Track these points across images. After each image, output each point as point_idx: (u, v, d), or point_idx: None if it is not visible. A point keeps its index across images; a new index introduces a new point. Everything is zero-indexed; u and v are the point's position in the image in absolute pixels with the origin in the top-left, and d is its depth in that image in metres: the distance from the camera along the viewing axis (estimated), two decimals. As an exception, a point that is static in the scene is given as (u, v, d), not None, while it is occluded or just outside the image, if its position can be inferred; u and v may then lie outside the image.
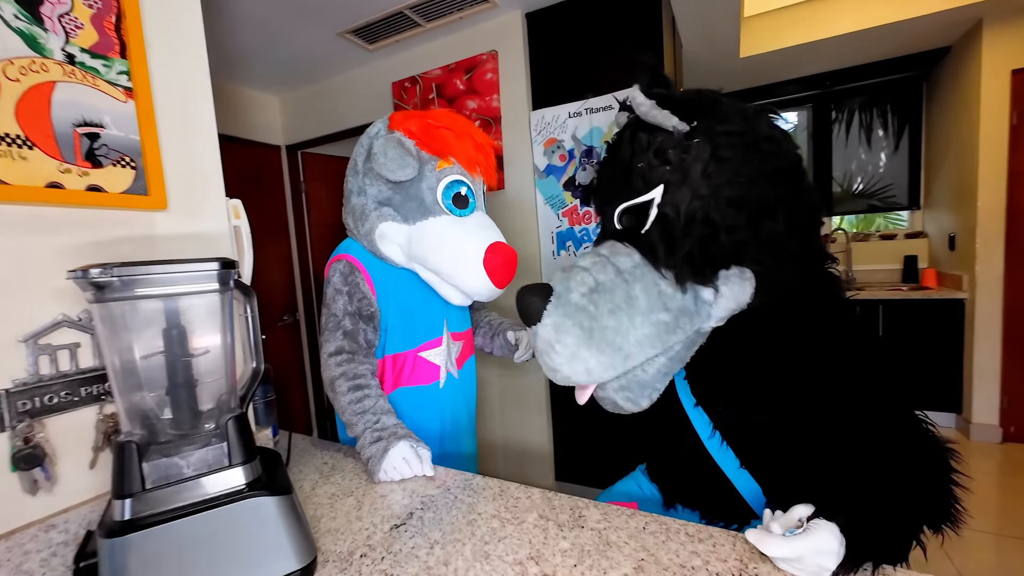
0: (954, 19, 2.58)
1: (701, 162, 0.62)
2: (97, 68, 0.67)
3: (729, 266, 0.62)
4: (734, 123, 0.63)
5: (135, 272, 0.51)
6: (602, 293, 0.63)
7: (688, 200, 0.62)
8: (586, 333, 0.61)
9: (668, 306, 0.63)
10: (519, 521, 0.71)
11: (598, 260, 0.67)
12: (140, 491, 0.51)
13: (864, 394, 0.64)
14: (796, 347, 0.66)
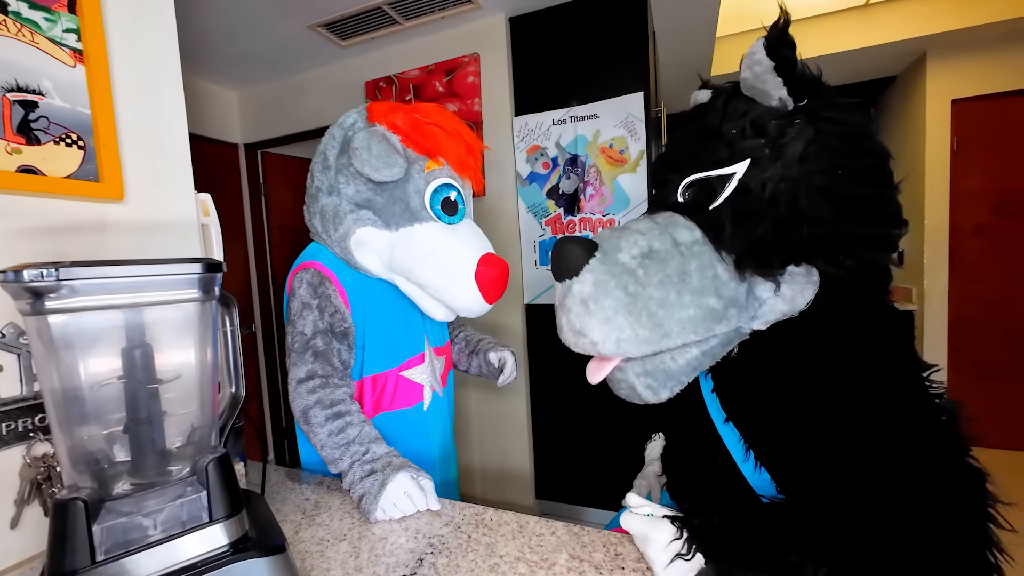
0: (901, 50, 2.78)
1: (801, 143, 0.56)
2: (38, 22, 0.54)
3: (799, 262, 0.56)
4: (839, 111, 0.58)
5: (90, 275, 0.39)
6: (655, 261, 0.57)
7: (777, 180, 0.56)
8: (630, 298, 0.54)
9: (721, 292, 0.57)
10: (549, 564, 0.62)
11: (655, 227, 0.60)
12: (88, 566, 0.38)
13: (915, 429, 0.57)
14: (850, 363, 0.61)
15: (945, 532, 0.52)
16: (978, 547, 0.53)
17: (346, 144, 0.90)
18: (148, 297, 0.42)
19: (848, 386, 0.59)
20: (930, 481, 0.53)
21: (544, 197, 2.14)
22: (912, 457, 0.54)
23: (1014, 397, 2.74)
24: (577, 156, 2.07)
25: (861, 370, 0.59)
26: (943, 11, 2.54)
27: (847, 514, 0.54)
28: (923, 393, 0.59)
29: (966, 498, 0.55)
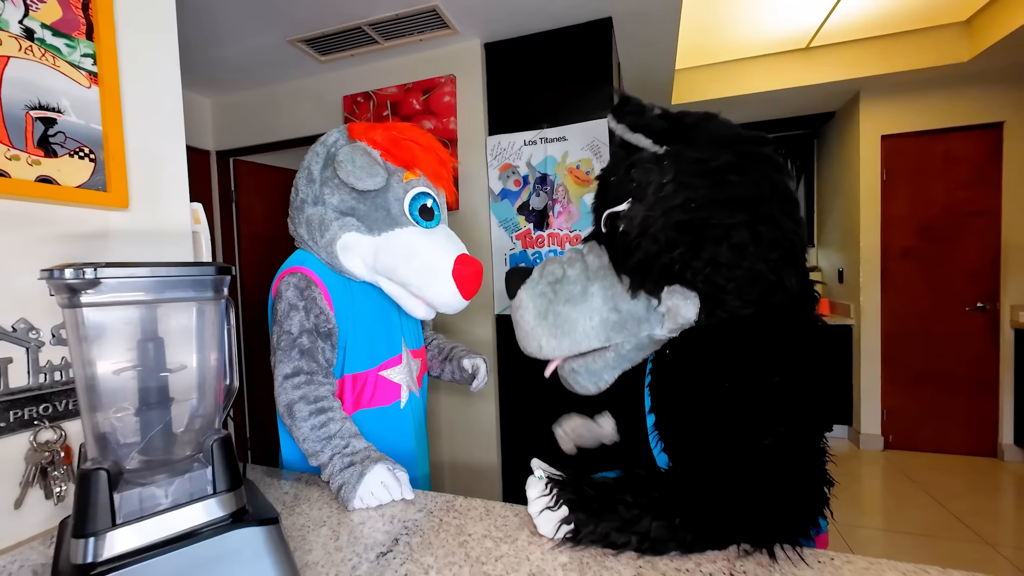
0: (837, 89, 3.09)
1: (660, 183, 0.66)
2: (59, 47, 0.60)
3: (672, 283, 0.66)
4: (703, 150, 0.66)
5: (119, 274, 0.45)
6: (564, 284, 0.73)
7: (642, 216, 0.67)
8: (541, 314, 0.72)
9: (618, 307, 0.70)
10: (512, 539, 0.70)
11: (574, 256, 0.76)
12: (109, 527, 0.44)
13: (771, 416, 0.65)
14: (730, 368, 0.68)
15: (782, 500, 0.63)
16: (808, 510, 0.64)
17: (329, 159, 0.98)
18: (168, 295, 0.48)
19: (723, 381, 0.68)
20: (781, 461, 0.64)
21: (515, 213, 2.25)
22: (767, 439, 0.63)
23: (940, 405, 3.02)
24: (547, 175, 2.19)
25: (736, 369, 0.68)
26: (872, 57, 2.85)
27: (700, 483, 0.65)
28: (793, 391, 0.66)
29: (809, 479, 0.65)
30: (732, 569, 0.61)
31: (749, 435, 0.64)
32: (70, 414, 0.60)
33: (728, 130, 0.70)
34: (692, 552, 0.63)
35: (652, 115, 0.70)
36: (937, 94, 2.93)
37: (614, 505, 0.64)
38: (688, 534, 0.62)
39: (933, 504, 2.42)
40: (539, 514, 0.68)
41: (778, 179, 0.68)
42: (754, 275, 0.64)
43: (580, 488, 0.67)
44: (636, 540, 0.63)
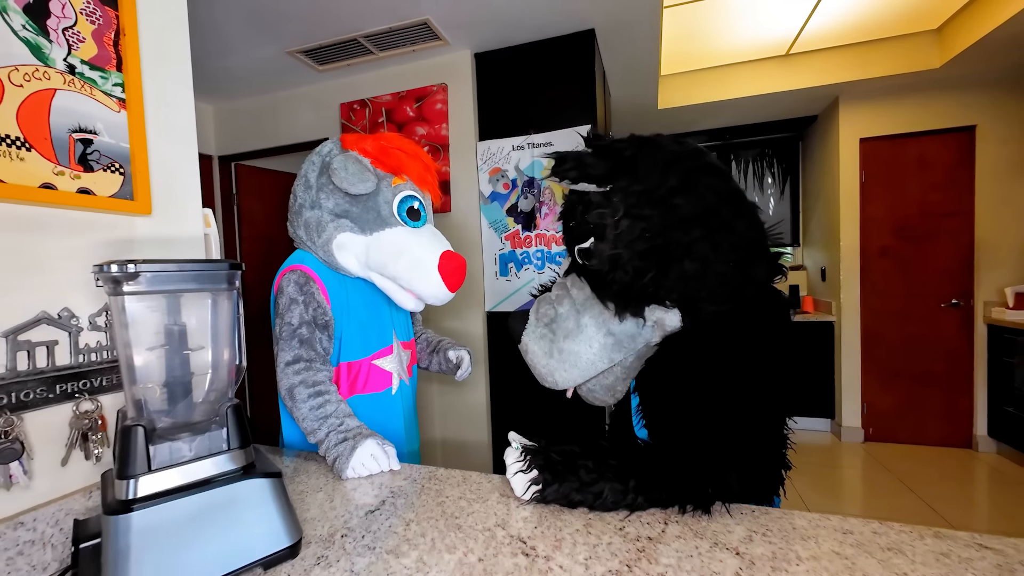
0: (818, 94, 3.20)
1: (614, 221, 0.72)
2: (95, 79, 0.71)
3: (651, 303, 0.74)
4: (648, 180, 0.71)
5: (153, 269, 0.56)
6: (560, 322, 0.81)
7: (608, 252, 0.73)
8: (548, 353, 0.80)
9: (612, 331, 0.77)
10: (484, 500, 0.81)
11: (560, 293, 0.84)
12: (146, 471, 0.55)
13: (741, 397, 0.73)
14: (705, 358, 0.76)
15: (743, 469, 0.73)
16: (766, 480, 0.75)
17: (324, 167, 1.09)
18: (190, 286, 0.59)
19: (703, 368, 0.76)
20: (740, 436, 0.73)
21: (504, 214, 2.36)
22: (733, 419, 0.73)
23: (915, 399, 3.13)
24: (534, 179, 2.30)
25: (708, 363, 0.76)
26: (850, 63, 2.96)
27: (664, 454, 0.76)
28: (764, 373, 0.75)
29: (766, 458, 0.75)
30: (667, 519, 0.72)
31: (714, 412, 0.73)
32: (105, 389, 0.71)
33: (666, 152, 0.73)
34: (635, 510, 0.74)
35: (591, 164, 0.73)
36: (911, 99, 3.04)
37: (576, 469, 0.75)
38: (638, 496, 0.73)
39: (905, 491, 2.53)
40: (513, 475, 0.79)
41: (721, 185, 0.73)
42: (722, 278, 0.70)
43: (548, 455, 0.78)
44: (591, 498, 0.73)
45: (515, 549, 0.65)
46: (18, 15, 0.63)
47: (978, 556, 0.59)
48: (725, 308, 0.72)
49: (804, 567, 0.59)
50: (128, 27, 0.75)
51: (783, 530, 0.67)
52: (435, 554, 0.65)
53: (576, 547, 0.65)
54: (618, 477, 0.73)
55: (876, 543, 0.63)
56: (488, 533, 0.70)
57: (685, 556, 0.62)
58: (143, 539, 0.53)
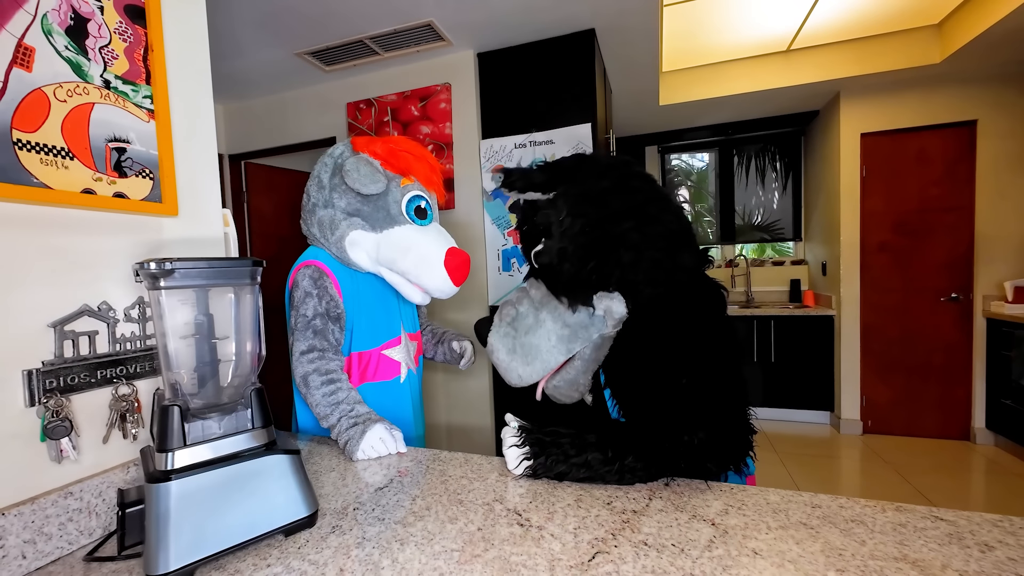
0: (819, 90, 3.22)
1: (559, 220, 0.82)
2: (127, 93, 0.77)
3: (597, 291, 0.82)
4: (583, 184, 0.83)
5: (186, 266, 0.63)
6: (520, 319, 0.90)
7: (555, 249, 0.83)
8: (511, 349, 0.89)
9: (567, 323, 0.87)
10: (483, 478, 0.88)
11: (520, 294, 0.93)
12: (182, 446, 0.62)
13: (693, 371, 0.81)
14: (654, 339, 0.85)
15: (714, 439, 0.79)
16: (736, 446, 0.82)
17: (337, 168, 1.15)
18: (217, 281, 0.66)
19: (653, 350, 0.85)
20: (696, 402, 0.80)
21: (507, 211, 2.42)
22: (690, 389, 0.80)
23: (913, 392, 3.16)
24: (535, 176, 2.36)
25: (658, 342, 0.85)
26: (850, 59, 2.97)
27: (633, 426, 0.83)
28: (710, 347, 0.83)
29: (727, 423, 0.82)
30: (651, 495, 0.78)
31: (669, 382, 0.81)
32: (139, 375, 0.78)
33: (600, 164, 0.87)
34: (623, 482, 0.81)
35: (535, 174, 0.87)
36: (912, 94, 3.05)
37: (561, 444, 0.83)
38: (618, 463, 0.79)
39: (901, 482, 2.58)
40: (507, 450, 0.86)
41: (647, 187, 0.84)
42: (654, 263, 0.80)
43: (538, 433, 0.85)
44: (576, 469, 0.81)
45: (511, 520, 0.72)
46: (61, 36, 0.69)
47: (932, 527, 0.65)
48: (660, 291, 0.81)
49: (772, 535, 0.65)
50: (156, 43, 0.81)
51: (757, 504, 0.73)
52: (438, 524, 0.72)
53: (567, 519, 0.72)
54: (598, 448, 0.81)
55: (841, 515, 0.69)
56: (487, 507, 0.77)
57: (665, 526, 0.68)
58: (180, 504, 0.60)
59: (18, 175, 0.64)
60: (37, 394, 0.66)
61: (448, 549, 0.65)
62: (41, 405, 0.66)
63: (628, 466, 0.79)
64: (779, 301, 4.01)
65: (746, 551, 0.61)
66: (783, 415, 3.57)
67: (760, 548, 0.62)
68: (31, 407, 0.66)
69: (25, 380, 0.65)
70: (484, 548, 0.65)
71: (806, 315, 3.44)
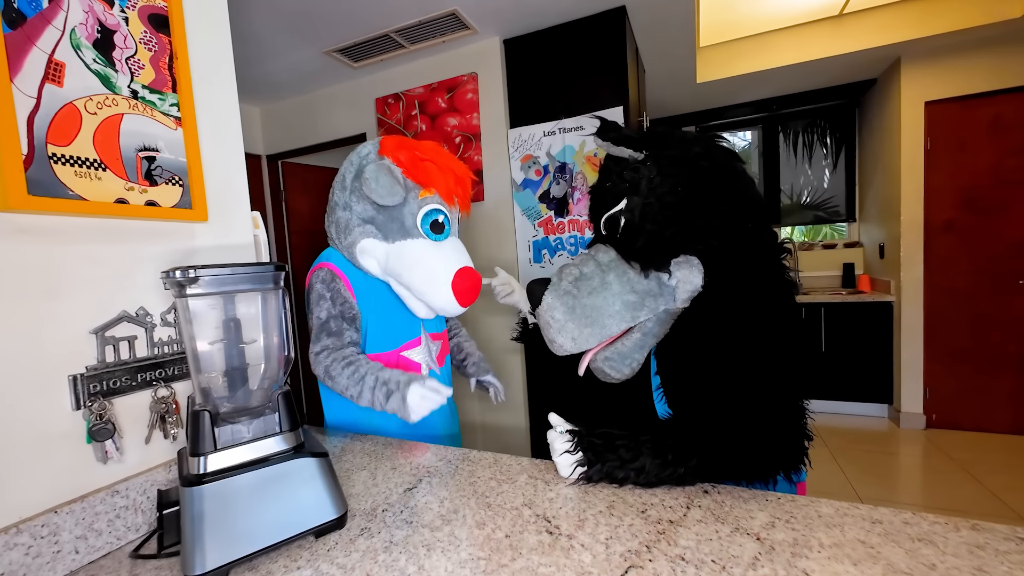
0: (877, 56, 2.95)
1: (648, 177, 0.81)
2: (154, 102, 0.79)
3: (677, 254, 0.79)
4: (675, 148, 0.82)
5: (211, 274, 0.63)
6: (584, 280, 0.83)
7: (640, 206, 0.81)
8: (570, 309, 0.81)
9: (635, 289, 0.81)
10: (512, 480, 0.86)
11: (584, 257, 0.88)
12: (213, 450, 0.63)
13: (760, 365, 0.77)
14: (727, 322, 0.80)
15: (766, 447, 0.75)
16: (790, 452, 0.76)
17: (361, 170, 1.14)
18: (243, 287, 0.66)
19: (723, 338, 0.80)
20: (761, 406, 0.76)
21: (537, 201, 2.37)
22: (754, 387, 0.76)
23: (983, 384, 2.90)
24: (566, 164, 2.29)
25: (734, 326, 0.79)
26: (913, 19, 2.70)
27: (691, 427, 0.78)
28: (782, 342, 0.78)
29: (786, 427, 0.77)
30: (689, 503, 0.74)
31: (734, 383, 0.77)
32: (177, 377, 0.80)
33: (690, 134, 0.85)
34: (683, 484, 0.77)
35: (629, 130, 0.85)
36: (985, 55, 2.74)
37: (616, 448, 0.79)
38: (680, 468, 0.76)
39: (968, 480, 2.38)
40: (559, 456, 0.83)
41: (737, 164, 0.83)
42: (739, 233, 0.78)
43: (590, 437, 0.82)
44: (634, 474, 0.77)
45: (540, 527, 0.70)
46: (89, 50, 0.71)
47: (1016, 549, 0.58)
48: (740, 266, 0.78)
49: (825, 554, 0.59)
50: (180, 51, 0.82)
51: (807, 517, 0.68)
52: (466, 529, 0.70)
53: (598, 527, 0.69)
54: (654, 451, 0.77)
55: (905, 533, 0.62)
56: (515, 512, 0.75)
57: (704, 539, 0.64)
58: (214, 507, 0.61)
59: (55, 188, 0.66)
60: (82, 398, 0.69)
61: (475, 557, 0.63)
62: (86, 408, 0.69)
63: (688, 471, 0.76)
64: (830, 287, 3.77)
65: (796, 571, 0.56)
66: (834, 407, 3.37)
67: (812, 568, 0.57)
68: (77, 411, 0.69)
69: (71, 385, 0.68)
70: (511, 557, 0.63)
71: (861, 301, 3.21)
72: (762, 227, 0.82)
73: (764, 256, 0.81)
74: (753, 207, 0.81)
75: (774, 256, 0.83)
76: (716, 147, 0.83)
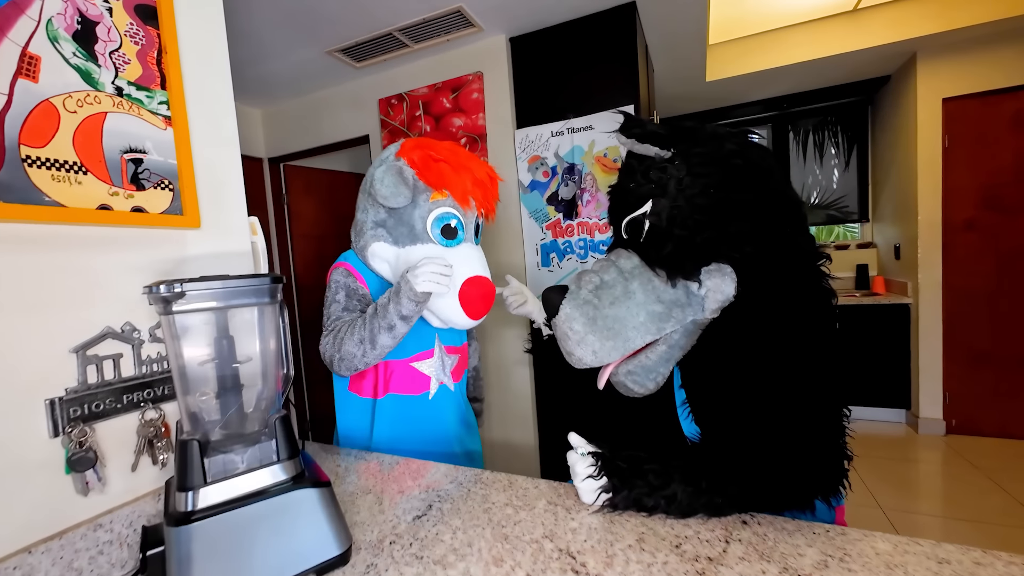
0: (892, 52, 2.87)
1: (677, 178, 0.73)
2: (141, 99, 0.73)
3: (708, 262, 0.71)
4: (706, 145, 0.74)
5: (199, 288, 0.57)
6: (605, 289, 0.76)
7: (668, 209, 0.74)
8: (591, 320, 0.74)
9: (661, 298, 0.74)
10: (531, 507, 0.79)
11: (605, 263, 0.81)
12: (202, 484, 0.57)
13: (799, 382, 0.71)
14: (758, 340, 0.73)
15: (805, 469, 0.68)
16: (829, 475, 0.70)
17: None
18: (235, 301, 0.60)
19: (757, 352, 0.73)
20: (802, 427, 0.69)
21: (545, 203, 2.31)
22: (794, 406, 0.69)
23: (1005, 387, 2.81)
24: (574, 165, 2.23)
25: (763, 345, 0.73)
26: (930, 14, 2.63)
27: (725, 451, 0.71)
28: (821, 355, 0.72)
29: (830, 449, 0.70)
30: (728, 536, 0.67)
31: (772, 402, 0.70)
32: (167, 397, 0.74)
33: (720, 129, 0.78)
34: (719, 515, 0.70)
35: (656, 126, 0.78)
36: (1007, 49, 2.66)
37: (644, 473, 0.72)
38: (717, 497, 0.69)
39: (994, 489, 2.29)
40: (582, 482, 0.76)
41: (771, 161, 0.76)
42: (775, 238, 0.71)
43: (615, 460, 0.75)
44: (664, 503, 0.70)
45: (564, 565, 0.63)
46: (68, 43, 0.65)
47: (1113, 598, 0.50)
48: (777, 273, 0.71)
49: (891, 602, 0.52)
50: (169, 45, 0.76)
51: (863, 555, 0.61)
52: (481, 566, 0.64)
53: (629, 565, 0.62)
54: (687, 478, 0.70)
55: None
56: (536, 545, 0.68)
57: (750, 582, 0.57)
58: (203, 548, 0.55)
59: (28, 194, 0.60)
60: (61, 424, 0.63)
61: (493, 603, 0.57)
62: (65, 435, 0.62)
63: (725, 501, 0.69)
64: (842, 288, 3.68)
65: (862, 626, 0.49)
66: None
67: (880, 622, 0.50)
68: (55, 438, 0.63)
69: (48, 410, 0.62)
70: (535, 604, 0.56)
71: (876, 304, 3.12)
72: (800, 231, 0.75)
73: (802, 262, 0.74)
74: (791, 209, 0.74)
75: (812, 262, 0.76)
76: (750, 144, 0.77)
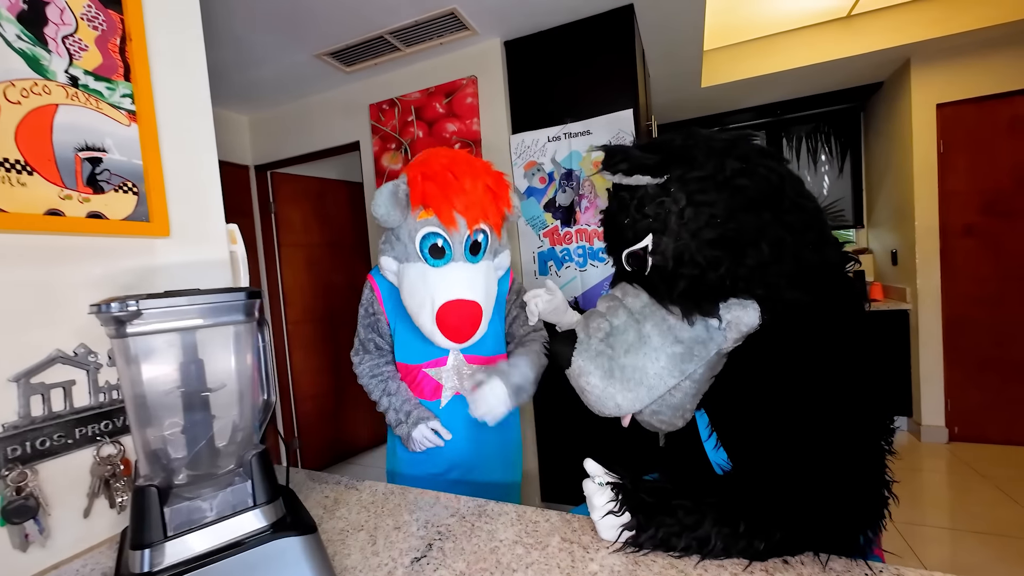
0: (885, 58, 2.87)
1: (677, 210, 0.65)
2: (100, 91, 0.64)
3: (726, 298, 0.64)
4: (705, 167, 0.66)
5: (159, 305, 0.48)
6: (617, 335, 0.69)
7: (672, 246, 0.66)
8: (607, 373, 0.68)
9: (680, 338, 0.67)
10: (543, 546, 0.70)
11: (612, 304, 0.73)
12: (161, 539, 0.48)
13: (837, 405, 0.64)
14: (790, 360, 0.66)
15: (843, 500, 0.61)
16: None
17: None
18: (204, 321, 0.52)
19: (783, 377, 0.66)
20: (845, 459, 0.61)
21: (542, 210, 2.24)
22: (830, 436, 0.62)
23: (1009, 393, 2.78)
24: (572, 171, 2.17)
25: (795, 365, 0.65)
26: (924, 20, 2.63)
27: (762, 487, 0.63)
28: (858, 372, 0.65)
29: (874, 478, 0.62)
30: (768, 580, 0.59)
31: (811, 428, 0.62)
32: (127, 429, 0.65)
33: (717, 139, 0.69)
34: (760, 559, 0.62)
35: (641, 154, 0.69)
36: (1002, 54, 2.67)
37: (673, 510, 0.64)
38: (759, 542, 0.61)
39: (1004, 500, 2.24)
40: (601, 519, 0.68)
41: (781, 167, 0.68)
42: (800, 263, 0.63)
43: (638, 493, 0.67)
44: (696, 544, 0.62)
45: (588, 621, 0.54)
46: (12, 24, 0.56)
47: None
48: (807, 297, 0.64)
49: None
50: (135, 31, 0.68)
51: (929, 602, 0.53)
52: (493, 625, 0.55)
53: (662, 618, 0.54)
54: (723, 519, 0.62)
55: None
56: (553, 595, 0.59)
57: (806, 640, 0.49)
58: (161, 618, 0.46)
59: (-42, 197, 0.51)
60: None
61: (510, 675, 0.48)
62: (0, 480, 0.53)
63: (768, 546, 0.61)
64: (840, 294, 3.65)
65: None
66: (851, 421, 3.23)
67: None
68: (-11, 483, 0.53)
69: (-20, 450, 0.53)
70: (559, 675, 0.47)
71: (876, 310, 3.09)
72: (824, 240, 0.68)
73: (830, 276, 0.67)
74: (811, 218, 0.67)
75: (840, 271, 0.69)
76: (754, 153, 0.68)
